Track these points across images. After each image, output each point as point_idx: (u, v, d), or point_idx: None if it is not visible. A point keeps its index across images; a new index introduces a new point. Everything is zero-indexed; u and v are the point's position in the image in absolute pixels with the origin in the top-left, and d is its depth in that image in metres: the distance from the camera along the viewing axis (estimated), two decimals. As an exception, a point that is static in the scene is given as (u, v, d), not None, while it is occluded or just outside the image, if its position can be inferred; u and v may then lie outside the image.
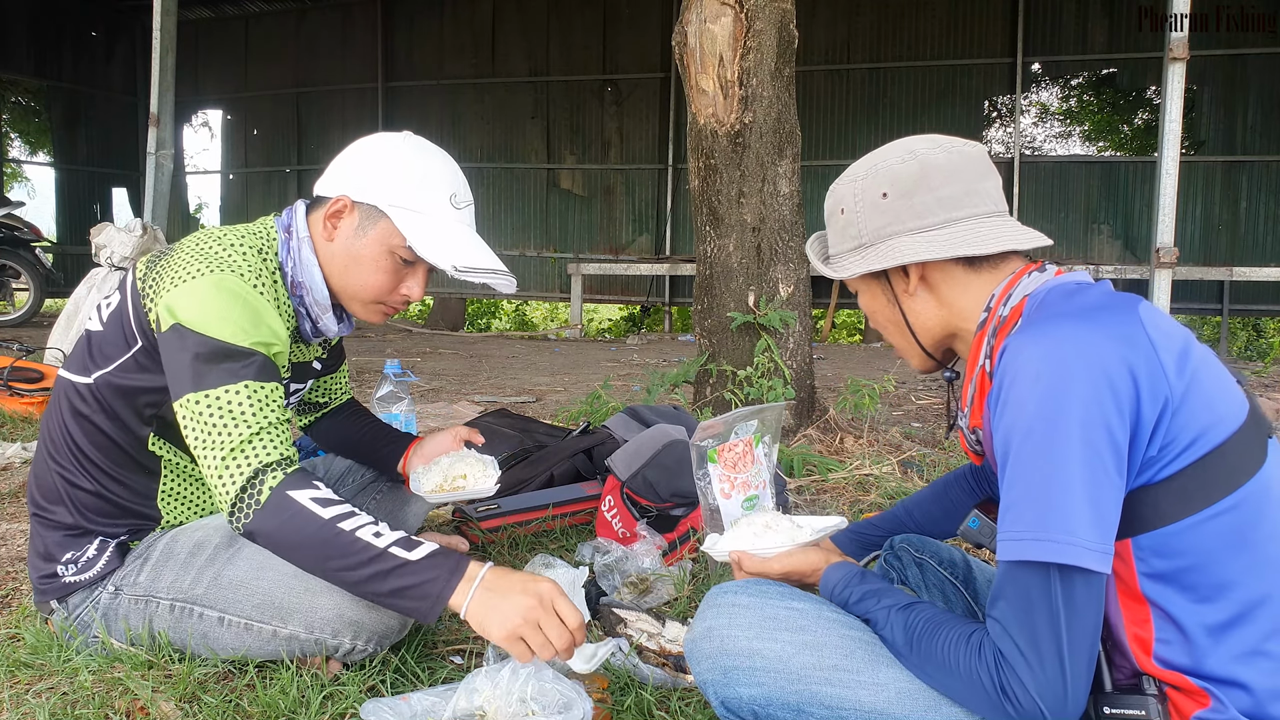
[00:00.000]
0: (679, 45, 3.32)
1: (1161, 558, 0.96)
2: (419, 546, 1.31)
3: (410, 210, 1.48)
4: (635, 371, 6.26)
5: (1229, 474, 0.94)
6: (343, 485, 1.98)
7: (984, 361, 1.10)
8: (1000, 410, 0.98)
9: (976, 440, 1.17)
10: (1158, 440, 0.94)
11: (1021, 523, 0.93)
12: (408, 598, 1.28)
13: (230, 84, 13.93)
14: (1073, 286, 1.07)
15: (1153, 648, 0.98)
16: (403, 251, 1.50)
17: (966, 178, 1.14)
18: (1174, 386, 0.94)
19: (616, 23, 11.78)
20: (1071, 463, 0.91)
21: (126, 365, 1.47)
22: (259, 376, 1.38)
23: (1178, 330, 1.00)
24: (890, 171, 1.16)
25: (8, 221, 8.39)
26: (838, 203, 1.23)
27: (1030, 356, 0.96)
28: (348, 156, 1.55)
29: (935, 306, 1.17)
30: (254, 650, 1.47)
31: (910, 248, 1.13)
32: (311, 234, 1.54)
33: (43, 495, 1.55)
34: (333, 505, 1.32)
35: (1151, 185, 7.10)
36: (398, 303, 1.58)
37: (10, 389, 3.87)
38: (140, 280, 1.47)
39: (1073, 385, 0.92)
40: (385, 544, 1.29)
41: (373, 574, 1.28)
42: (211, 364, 1.35)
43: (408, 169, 1.50)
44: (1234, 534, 0.94)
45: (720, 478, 1.55)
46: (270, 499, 1.31)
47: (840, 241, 1.23)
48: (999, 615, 0.95)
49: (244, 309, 1.39)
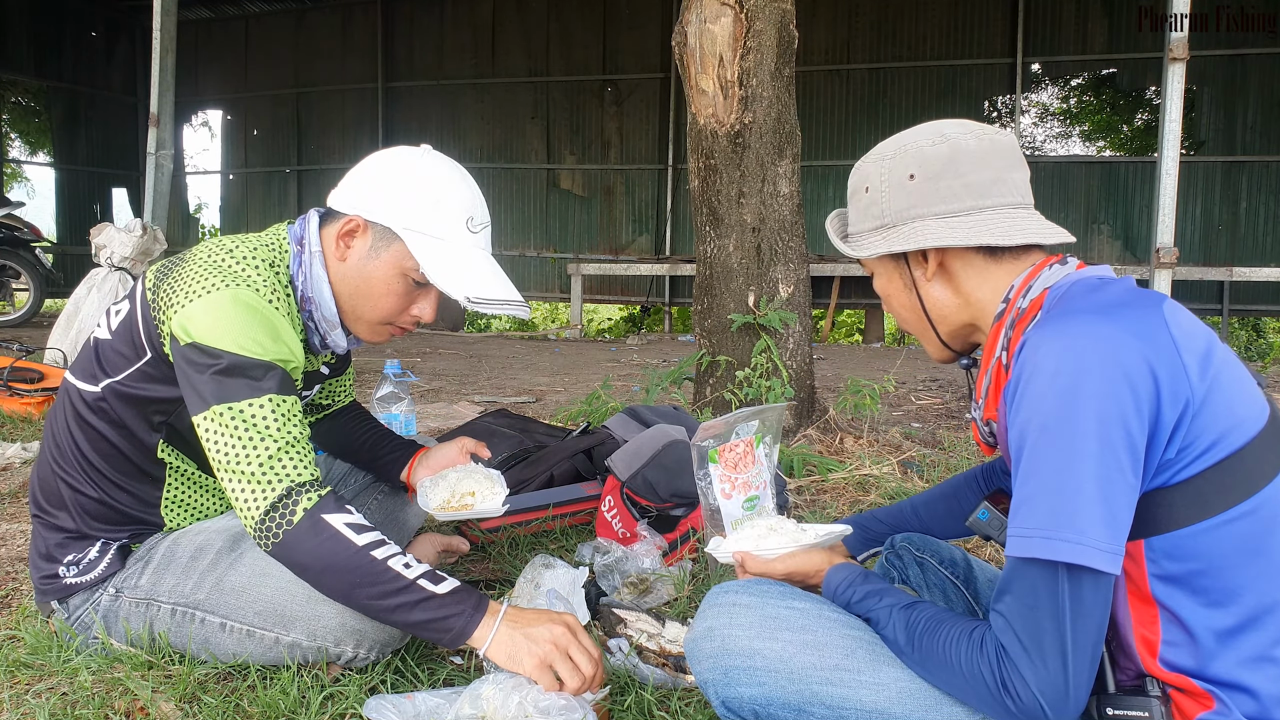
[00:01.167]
0: (679, 45, 3.32)
1: (1174, 560, 0.95)
2: (444, 581, 1.33)
3: (425, 235, 1.45)
4: (635, 371, 6.26)
5: (1247, 479, 0.93)
6: (344, 486, 1.98)
7: (1000, 353, 1.09)
8: (1017, 404, 0.96)
9: (990, 433, 1.16)
10: (1176, 442, 0.92)
11: (1033, 519, 0.92)
12: (432, 630, 1.31)
13: (230, 84, 13.93)
14: (1095, 281, 1.05)
15: (1159, 650, 0.98)
16: (416, 275, 1.47)
17: (996, 166, 1.11)
18: (1195, 388, 0.92)
19: (616, 23, 11.78)
20: (1086, 460, 0.90)
21: (135, 375, 1.45)
22: (281, 390, 1.37)
23: (1201, 330, 0.98)
24: (920, 152, 1.13)
25: (8, 221, 8.39)
26: (862, 180, 1.19)
27: (1049, 352, 0.94)
28: (364, 171, 1.51)
29: (952, 295, 1.15)
30: (255, 656, 1.47)
31: (933, 231, 1.11)
32: (324, 249, 1.51)
33: (46, 499, 1.54)
34: (366, 532, 1.33)
35: (1151, 185, 7.10)
36: (407, 324, 1.56)
37: (10, 389, 3.87)
38: (151, 291, 1.44)
39: (1091, 382, 0.91)
40: (414, 576, 1.31)
41: (400, 604, 1.30)
42: (233, 378, 1.34)
43: (424, 190, 1.46)
44: (1248, 540, 0.93)
45: (721, 478, 1.55)
46: (304, 520, 1.31)
47: (861, 220, 1.20)
48: (1004, 610, 0.95)
49: (262, 323, 1.38)
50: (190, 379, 1.36)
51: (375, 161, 1.51)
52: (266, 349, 1.37)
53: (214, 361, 1.34)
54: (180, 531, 1.57)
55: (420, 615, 1.30)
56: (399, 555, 1.33)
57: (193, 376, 1.35)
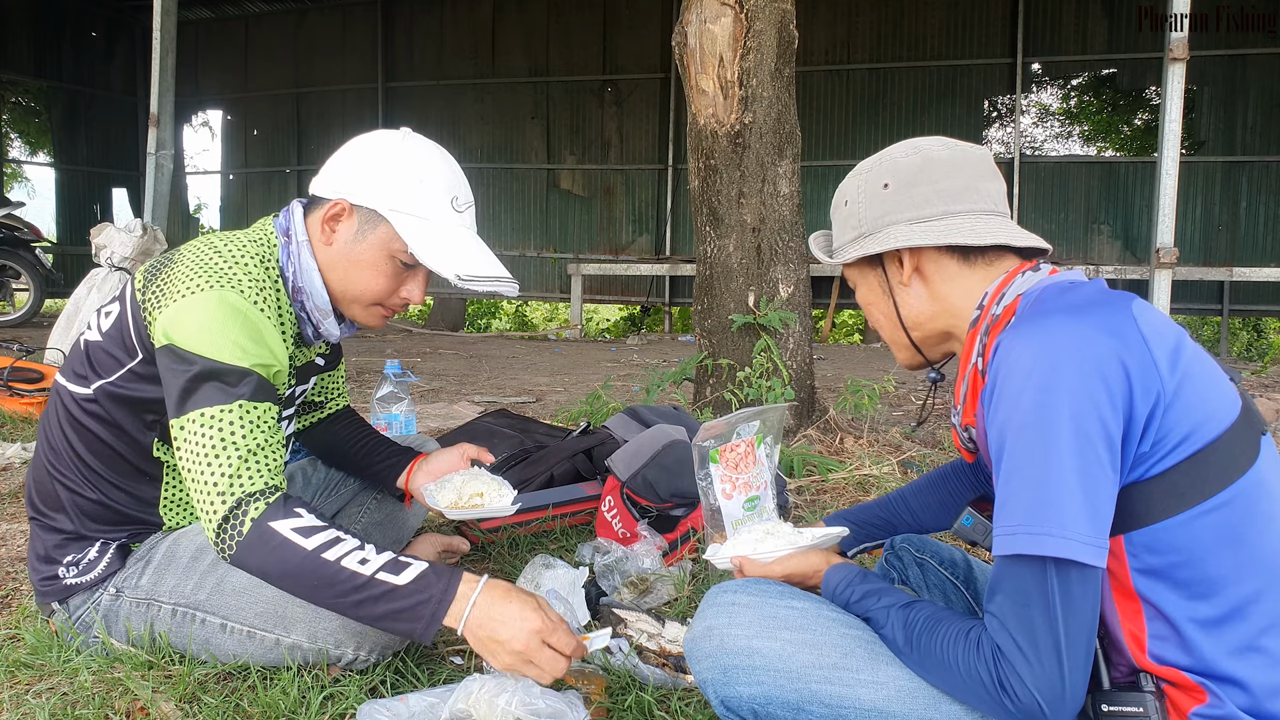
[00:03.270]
0: (679, 45, 3.32)
1: (1153, 554, 0.96)
2: (407, 569, 1.28)
3: (411, 215, 1.45)
4: (635, 371, 6.26)
5: (1221, 471, 0.95)
6: (344, 486, 1.97)
7: (976, 359, 1.11)
8: (994, 406, 0.98)
9: (970, 438, 1.18)
10: (1150, 436, 0.94)
11: (1016, 516, 0.93)
12: (401, 620, 1.27)
13: (230, 84, 13.93)
14: (1066, 285, 1.08)
15: (1147, 644, 0.99)
16: (404, 256, 1.47)
17: (967, 174, 1.15)
18: (1166, 382, 0.94)
19: (616, 23, 11.78)
20: (1065, 455, 0.91)
21: (126, 376, 1.45)
22: (254, 396, 1.35)
23: (1170, 327, 1.00)
24: (894, 164, 1.19)
25: (8, 222, 8.39)
26: (843, 196, 1.25)
27: (1023, 352, 0.96)
28: (345, 156, 1.51)
29: (927, 300, 1.18)
30: (256, 657, 1.47)
31: (904, 234, 1.15)
32: (310, 237, 1.52)
33: (43, 501, 1.54)
34: (316, 534, 1.29)
35: (1151, 185, 7.10)
36: (397, 305, 1.56)
37: (10, 389, 3.87)
38: (140, 292, 1.44)
39: (1065, 378, 0.93)
40: (371, 570, 1.27)
41: (360, 600, 1.26)
42: (206, 383, 1.33)
43: (407, 171, 1.47)
44: (1226, 530, 0.94)
45: (722, 478, 1.55)
46: (251, 531, 1.28)
47: (842, 232, 1.25)
48: (996, 610, 0.95)
49: (244, 326, 1.37)
50: (166, 382, 1.36)
51: (356, 146, 1.51)
52: (247, 352, 1.36)
53: (188, 367, 1.33)
54: (181, 531, 1.57)
55: (385, 608, 1.26)
56: (355, 551, 1.28)
57: (168, 380, 1.35)
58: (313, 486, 1.94)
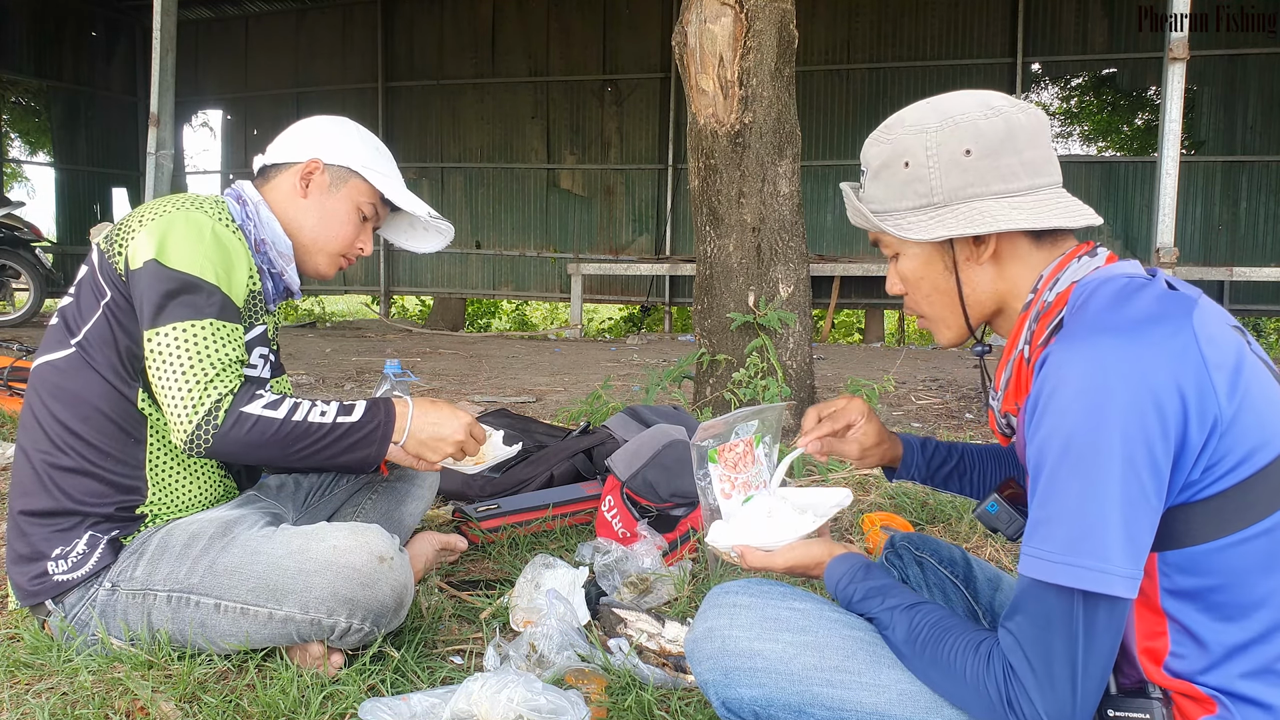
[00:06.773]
0: (679, 45, 3.32)
1: (1187, 575, 0.93)
2: (355, 408, 1.53)
3: (378, 172, 1.71)
4: (635, 371, 6.26)
5: (1270, 496, 0.91)
6: (336, 488, 1.98)
7: (1023, 346, 1.06)
8: (1039, 420, 0.93)
9: (1007, 424, 1.13)
10: (1202, 462, 0.90)
11: (1051, 542, 0.90)
12: (359, 449, 1.50)
13: (230, 84, 13.92)
14: (1123, 287, 0.99)
15: (1165, 660, 0.96)
16: (366, 208, 1.71)
17: (1044, 143, 1.07)
18: (1224, 409, 0.89)
19: (616, 23, 11.77)
20: (1110, 484, 0.87)
21: (101, 321, 1.52)
22: (222, 315, 1.49)
23: (1231, 340, 0.94)
24: (974, 126, 1.05)
25: (8, 221, 8.38)
26: (899, 154, 1.09)
27: (1074, 370, 0.91)
28: (302, 130, 1.73)
29: (994, 279, 1.09)
30: (252, 636, 1.47)
31: (1003, 213, 1.03)
32: (267, 198, 1.69)
33: (22, 489, 1.54)
34: (281, 405, 1.47)
35: (1151, 185, 7.10)
36: (353, 256, 1.77)
37: (10, 389, 3.87)
38: (105, 241, 1.54)
39: (1117, 404, 0.87)
40: (331, 418, 1.49)
41: (328, 444, 1.48)
42: (178, 298, 1.45)
43: (366, 138, 1.75)
44: (1267, 556, 0.91)
45: (721, 478, 1.55)
46: (226, 420, 1.43)
47: (896, 198, 1.10)
48: (1014, 629, 0.93)
49: (214, 242, 1.51)
50: (140, 298, 1.47)
51: (310, 123, 1.75)
52: (215, 265, 1.50)
53: (162, 281, 1.45)
54: (173, 524, 1.57)
55: (346, 442, 1.49)
56: (313, 407, 1.49)
57: (142, 296, 1.47)
58: (304, 490, 1.94)
